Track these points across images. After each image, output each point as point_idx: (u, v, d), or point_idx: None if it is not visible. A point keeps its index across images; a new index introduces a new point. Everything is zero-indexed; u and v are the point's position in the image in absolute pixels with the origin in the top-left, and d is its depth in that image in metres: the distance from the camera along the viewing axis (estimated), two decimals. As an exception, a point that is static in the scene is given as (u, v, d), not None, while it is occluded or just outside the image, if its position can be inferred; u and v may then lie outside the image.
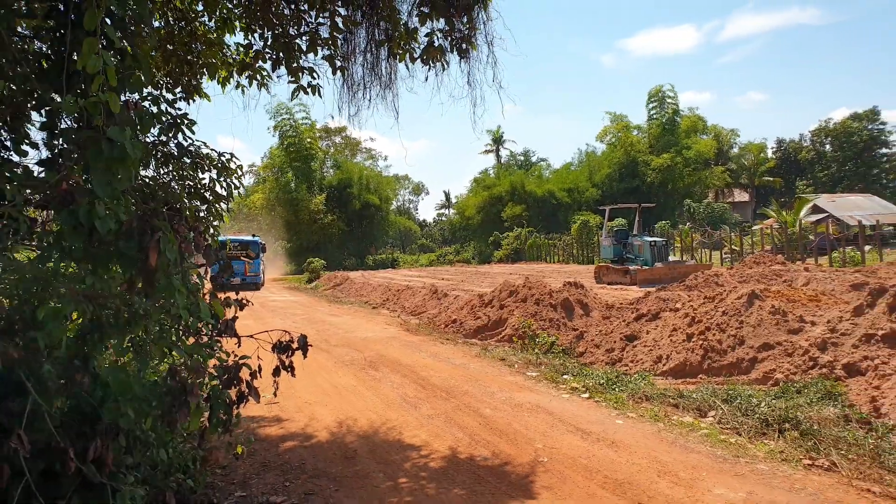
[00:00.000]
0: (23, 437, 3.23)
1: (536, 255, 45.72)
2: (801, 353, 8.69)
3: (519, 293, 14.76)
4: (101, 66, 3.47)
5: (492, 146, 72.51)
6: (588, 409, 7.27)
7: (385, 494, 4.88)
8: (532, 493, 4.83)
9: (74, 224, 3.36)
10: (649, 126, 56.92)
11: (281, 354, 4.14)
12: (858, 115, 65.38)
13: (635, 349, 10.98)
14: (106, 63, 3.47)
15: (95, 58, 3.45)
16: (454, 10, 6.74)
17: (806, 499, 4.68)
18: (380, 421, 6.87)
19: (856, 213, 37.62)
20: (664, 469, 5.28)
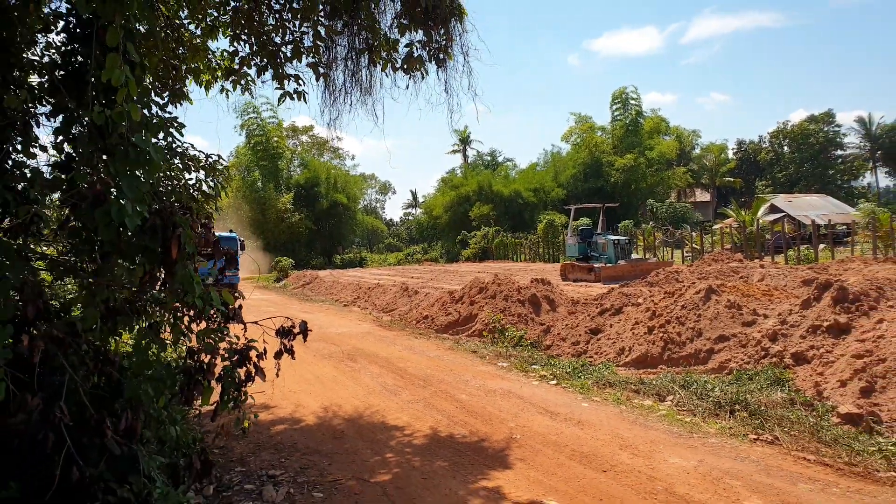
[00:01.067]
0: (63, 409, 3.66)
1: (503, 254, 46.42)
2: (753, 344, 9.36)
3: (488, 290, 15.29)
4: (123, 79, 3.90)
5: (459, 146, 73.14)
6: (556, 394, 7.84)
7: (375, 467, 5.37)
8: (508, 464, 5.37)
9: (108, 221, 3.77)
10: (613, 127, 58.04)
11: (284, 339, 4.59)
12: (815, 117, 67.60)
13: (599, 342, 11.59)
14: (127, 76, 3.89)
15: (119, 72, 3.88)
16: (432, 23, 7.22)
17: (749, 465, 5.30)
18: (363, 406, 7.34)
19: (810, 213, 39.10)
20: (625, 443, 5.86)
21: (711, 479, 4.97)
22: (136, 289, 4.12)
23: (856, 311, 9.04)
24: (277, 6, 7.84)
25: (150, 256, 3.99)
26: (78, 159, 4.39)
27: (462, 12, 7.15)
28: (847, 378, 7.51)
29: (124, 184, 3.85)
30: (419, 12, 7.12)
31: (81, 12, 4.00)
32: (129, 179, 3.90)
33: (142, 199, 3.93)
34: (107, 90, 4.25)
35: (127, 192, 3.82)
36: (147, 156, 4.01)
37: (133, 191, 3.86)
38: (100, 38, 4.12)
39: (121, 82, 3.93)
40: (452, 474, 5.17)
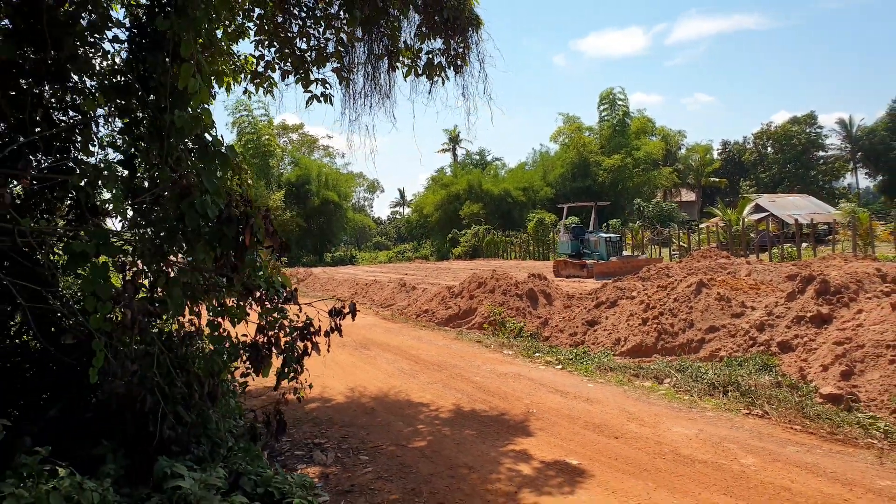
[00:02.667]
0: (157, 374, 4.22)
1: (494, 252, 47.05)
2: (742, 334, 9.99)
3: (487, 284, 15.87)
4: (197, 87, 4.47)
5: (448, 145, 73.75)
6: (563, 377, 8.47)
7: (409, 435, 5.96)
8: (529, 433, 5.99)
9: (193, 211, 4.32)
10: (601, 127, 58.83)
11: (335, 318, 5.15)
12: (797, 119, 68.91)
13: (596, 333, 12.20)
14: (200, 84, 4.46)
15: (193, 80, 4.45)
16: (451, 32, 7.80)
17: (744, 433, 5.95)
18: (386, 387, 7.92)
19: (793, 213, 40.10)
20: (632, 416, 6.49)
21: (712, 444, 5.61)
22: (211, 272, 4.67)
23: (837, 303, 9.69)
24: (303, 14, 8.35)
25: (227, 243, 4.54)
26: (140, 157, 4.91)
27: (479, 22, 7.73)
28: (829, 363, 8.12)
29: (204, 179, 4.41)
30: (439, 22, 7.69)
31: (160, 27, 4.51)
32: (208, 175, 4.46)
33: (218, 192, 4.49)
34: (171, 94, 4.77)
35: (208, 187, 4.38)
36: (222, 154, 4.58)
37: (212, 185, 4.42)
38: (164, 47, 4.69)
39: (195, 89, 4.51)
40: (481, 440, 5.78)
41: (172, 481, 3.46)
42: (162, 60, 4.80)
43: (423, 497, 4.55)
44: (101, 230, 4.37)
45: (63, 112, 5.73)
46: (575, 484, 4.73)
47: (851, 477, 4.82)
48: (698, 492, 4.57)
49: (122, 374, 4.17)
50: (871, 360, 7.70)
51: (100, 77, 5.73)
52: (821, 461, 5.18)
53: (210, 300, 4.75)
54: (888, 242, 27.26)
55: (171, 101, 4.73)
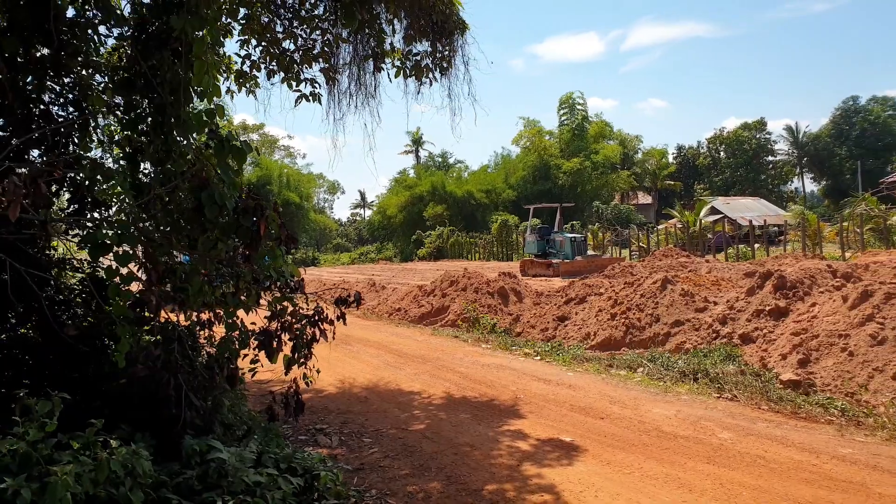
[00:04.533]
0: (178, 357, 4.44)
1: (458, 254, 47.48)
2: (706, 327, 10.54)
3: (459, 283, 16.22)
4: (210, 85, 4.72)
5: (411, 147, 74.04)
6: (543, 367, 8.85)
7: (407, 420, 6.25)
8: (521, 415, 6.35)
9: (212, 203, 4.54)
10: (560, 131, 59.86)
11: (340, 306, 5.42)
12: (748, 124, 71.17)
13: (567, 328, 12.65)
14: (213, 82, 4.70)
15: (207, 78, 4.69)
16: (439, 35, 8.11)
17: (717, 413, 6.41)
18: (375, 378, 8.18)
19: (747, 214, 41.55)
20: (613, 400, 6.90)
21: (690, 422, 6.04)
22: (227, 260, 4.89)
23: (793, 297, 10.32)
24: (290, 14, 8.52)
25: (243, 233, 4.77)
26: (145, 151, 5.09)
27: (465, 26, 8.06)
28: (787, 352, 8.67)
29: (222, 171, 4.64)
30: (426, 25, 7.98)
31: (174, 26, 4.72)
32: (225, 168, 4.69)
33: (233, 184, 4.72)
34: (174, 90, 4.98)
35: (225, 179, 4.61)
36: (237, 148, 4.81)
37: (228, 178, 4.66)
38: (170, 44, 4.91)
39: (209, 86, 4.75)
40: (477, 422, 6.11)
41: (211, 454, 3.69)
42: (168, 57, 5.00)
43: (432, 472, 4.85)
44: (123, 221, 4.56)
45: (62, 108, 5.86)
46: (571, 457, 5.10)
47: (817, 446, 5.31)
48: (684, 461, 4.98)
49: (146, 359, 4.37)
50: (826, 349, 8.26)
51: (105, 73, 5.88)
52: (788, 434, 5.66)
53: (227, 288, 4.97)
54: (833, 242, 28.55)
55: (173, 98, 4.93)
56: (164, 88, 4.92)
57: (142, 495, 3.15)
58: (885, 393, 6.88)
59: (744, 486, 4.49)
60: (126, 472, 3.11)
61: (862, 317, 8.25)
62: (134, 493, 3.11)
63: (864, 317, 8.22)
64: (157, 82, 4.96)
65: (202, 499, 3.50)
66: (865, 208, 28.97)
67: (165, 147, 4.96)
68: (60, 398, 3.16)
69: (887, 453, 5.15)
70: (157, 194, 5.10)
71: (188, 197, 4.70)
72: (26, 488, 2.65)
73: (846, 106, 69.80)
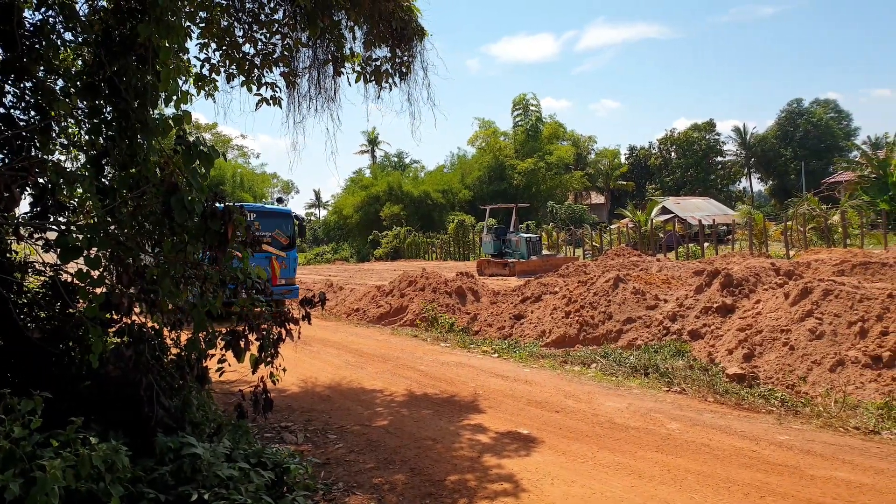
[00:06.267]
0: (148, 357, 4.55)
1: (415, 254, 47.65)
2: (656, 324, 10.95)
3: (417, 283, 16.41)
4: (177, 91, 4.85)
5: (367, 146, 73.86)
6: (500, 364, 9.14)
7: (371, 417, 6.43)
8: (480, 410, 6.60)
9: (181, 207, 4.66)
10: (515, 132, 60.61)
11: (305, 307, 5.57)
12: (698, 125, 73.17)
13: (523, 326, 12.95)
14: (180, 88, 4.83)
15: (173, 84, 4.83)
16: (398, 41, 8.30)
17: (666, 405, 6.77)
18: (337, 377, 8.33)
19: (696, 214, 42.85)
20: (568, 394, 7.21)
21: (640, 414, 6.38)
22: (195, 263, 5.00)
23: (739, 294, 10.80)
24: (249, 19, 8.59)
25: (211, 236, 4.90)
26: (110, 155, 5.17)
27: (424, 33, 8.27)
28: (733, 347, 9.11)
29: (190, 177, 4.76)
30: (386, 31, 8.16)
31: (142, 33, 4.82)
32: (193, 173, 4.82)
33: (201, 188, 4.85)
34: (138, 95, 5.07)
35: (193, 184, 4.74)
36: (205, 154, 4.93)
37: (196, 183, 4.78)
38: (136, 50, 5.02)
39: (176, 92, 4.88)
40: (438, 417, 6.33)
41: (185, 450, 3.82)
42: (132, 63, 5.09)
43: (396, 465, 5.05)
44: (92, 225, 4.64)
45: (24, 112, 5.87)
46: (529, 448, 5.36)
47: (757, 434, 5.69)
48: (634, 451, 5.29)
49: (117, 360, 4.48)
50: (769, 344, 8.71)
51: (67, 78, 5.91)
52: (731, 424, 6.04)
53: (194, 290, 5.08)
54: (779, 241, 29.69)
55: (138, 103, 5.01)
56: (128, 93, 5.00)
57: (121, 489, 3.27)
58: (822, 384, 7.35)
59: (689, 471, 4.82)
60: (106, 467, 3.24)
61: (802, 313, 8.73)
62: (114, 486, 3.23)
63: (804, 313, 8.70)
64: (122, 87, 5.04)
65: (178, 492, 3.64)
66: (808, 208, 30.22)
67: (130, 151, 5.03)
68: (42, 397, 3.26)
69: (820, 439, 5.56)
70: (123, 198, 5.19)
71: (155, 201, 4.80)
72: (14, 483, 2.76)
73: (791, 108, 72.36)
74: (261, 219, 15.00)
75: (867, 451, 5.23)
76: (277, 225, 15.53)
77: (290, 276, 15.63)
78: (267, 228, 15.07)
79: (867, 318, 8.00)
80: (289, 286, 15.30)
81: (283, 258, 15.06)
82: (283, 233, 15.53)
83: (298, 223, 16.38)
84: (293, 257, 15.88)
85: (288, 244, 15.56)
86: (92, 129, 5.30)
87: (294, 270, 15.95)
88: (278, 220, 15.70)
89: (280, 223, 15.63)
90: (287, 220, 15.94)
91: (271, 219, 15.60)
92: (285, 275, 15.30)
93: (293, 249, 15.93)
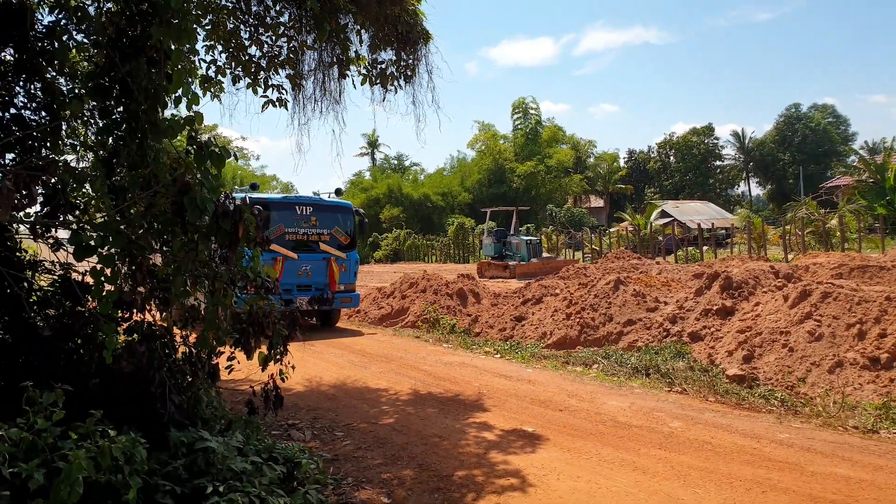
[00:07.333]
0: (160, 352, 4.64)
1: (415, 256, 47.72)
2: (657, 326, 11.03)
3: (419, 285, 16.50)
4: (189, 92, 4.94)
5: (367, 149, 74.00)
6: (503, 364, 9.22)
7: (377, 415, 6.51)
8: (485, 408, 6.69)
9: (194, 206, 4.74)
10: (514, 135, 60.82)
11: (314, 305, 5.68)
12: (697, 130, 73.43)
13: (524, 328, 13.03)
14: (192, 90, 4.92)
15: (186, 86, 4.92)
16: (403, 44, 8.39)
17: (668, 404, 6.85)
18: (342, 377, 8.41)
19: (695, 218, 43.03)
20: (571, 393, 7.30)
21: (643, 413, 6.47)
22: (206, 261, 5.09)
23: (738, 297, 10.89)
24: (255, 21, 8.68)
25: (223, 235, 4.98)
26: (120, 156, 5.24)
27: (429, 36, 8.37)
28: (733, 349, 9.19)
29: (202, 176, 4.85)
30: (391, 34, 8.25)
31: (155, 36, 4.91)
32: (205, 173, 4.90)
33: (213, 189, 4.93)
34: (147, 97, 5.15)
35: (206, 183, 4.82)
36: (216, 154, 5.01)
37: (209, 182, 4.87)
38: (146, 52, 5.10)
39: (188, 93, 4.97)
40: (444, 416, 6.41)
41: (198, 444, 3.90)
42: (143, 64, 5.17)
43: (404, 461, 5.13)
44: (107, 224, 4.72)
45: (34, 112, 5.95)
46: (534, 445, 5.45)
47: (758, 433, 5.78)
48: (638, 448, 5.38)
49: (130, 356, 4.56)
50: (768, 345, 8.79)
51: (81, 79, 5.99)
52: (733, 423, 6.13)
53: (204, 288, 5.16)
54: (777, 245, 29.82)
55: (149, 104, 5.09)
56: (139, 95, 5.09)
57: (139, 481, 3.35)
58: (821, 385, 7.44)
59: (692, 467, 4.90)
60: (125, 458, 3.31)
61: (801, 315, 8.82)
62: (132, 478, 3.31)
63: (803, 315, 8.79)
64: (134, 88, 5.13)
65: (194, 485, 3.71)
66: (806, 212, 30.35)
67: (140, 152, 5.11)
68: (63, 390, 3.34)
69: (820, 437, 5.66)
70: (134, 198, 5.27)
71: (165, 200, 4.87)
72: (38, 473, 2.84)
73: (789, 113, 72.64)
74: (317, 213, 13.34)
75: (866, 449, 5.32)
76: (336, 221, 13.71)
77: (349, 282, 13.75)
78: (324, 225, 13.35)
79: (865, 321, 8.09)
80: (349, 293, 13.67)
81: (342, 260, 13.33)
82: (343, 230, 13.71)
83: (359, 219, 14.32)
84: (354, 259, 13.95)
85: (348, 243, 13.77)
86: (102, 130, 5.38)
87: (354, 275, 14.01)
88: (337, 215, 13.84)
89: (339, 218, 13.82)
90: (347, 214, 14.04)
91: (329, 213, 13.69)
92: (345, 280, 13.46)
93: (353, 250, 14.01)
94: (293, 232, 12.70)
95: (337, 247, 13.29)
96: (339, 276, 13.14)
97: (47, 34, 5.71)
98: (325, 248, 12.98)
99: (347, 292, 13.50)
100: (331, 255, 12.99)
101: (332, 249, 13.10)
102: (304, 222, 12.95)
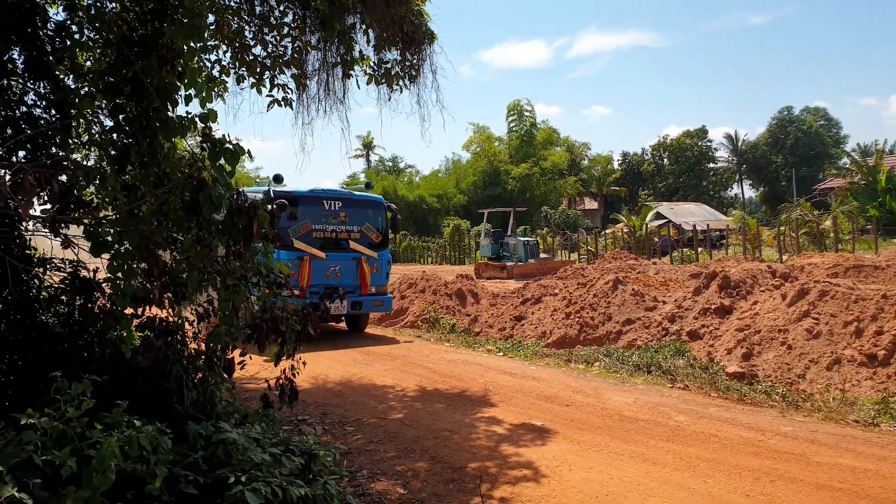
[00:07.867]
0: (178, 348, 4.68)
1: (411, 258, 47.79)
2: (656, 325, 11.13)
3: (418, 285, 16.58)
4: (203, 90, 5.01)
5: (362, 151, 74.04)
6: (506, 362, 9.30)
7: (385, 410, 6.58)
8: (492, 404, 6.76)
9: (209, 203, 4.80)
10: (509, 138, 60.99)
11: (325, 301, 5.73)
12: (690, 132, 73.81)
13: (524, 327, 13.12)
14: (205, 87, 4.99)
15: (199, 84, 4.99)
16: (408, 45, 8.47)
17: (672, 400, 6.94)
18: (347, 374, 8.46)
19: (690, 219, 43.21)
20: (576, 389, 7.38)
21: (648, 408, 6.56)
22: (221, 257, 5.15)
23: (736, 296, 11.01)
24: (259, 21, 8.73)
25: (237, 232, 5.04)
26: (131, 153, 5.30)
27: (433, 37, 8.45)
28: (732, 347, 9.29)
29: (217, 173, 4.91)
30: (396, 35, 8.33)
31: (169, 36, 4.97)
32: (220, 170, 4.97)
33: (227, 185, 5.00)
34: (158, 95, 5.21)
35: (220, 181, 4.89)
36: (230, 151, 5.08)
37: (223, 179, 4.93)
38: (158, 51, 5.16)
39: (202, 91, 5.04)
40: (452, 411, 6.48)
41: (217, 436, 3.96)
42: (155, 63, 5.23)
43: (416, 454, 5.20)
44: (123, 220, 4.78)
45: (45, 110, 5.99)
46: (544, 438, 5.53)
47: (763, 426, 5.87)
48: (646, 440, 5.46)
49: (147, 351, 4.61)
50: (767, 343, 8.90)
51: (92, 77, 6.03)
52: (737, 416, 6.22)
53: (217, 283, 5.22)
54: (771, 246, 30.03)
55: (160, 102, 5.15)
56: (150, 93, 5.14)
57: (165, 470, 3.41)
58: (820, 382, 7.55)
59: (701, 458, 4.99)
60: (152, 448, 3.37)
61: (799, 313, 8.93)
62: (158, 468, 3.37)
63: (801, 313, 8.90)
64: (145, 86, 5.18)
65: (215, 475, 3.77)
66: (801, 214, 30.58)
67: (151, 149, 5.16)
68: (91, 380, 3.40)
69: (823, 430, 5.76)
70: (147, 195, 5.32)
71: (176, 198, 4.92)
72: (71, 460, 2.90)
73: (781, 116, 73.11)
74: (347, 208, 12.18)
75: (869, 441, 5.42)
76: (367, 217, 12.48)
77: (381, 283, 12.54)
78: (355, 221, 12.19)
79: (862, 318, 8.21)
80: (380, 296, 12.51)
81: (373, 260, 12.17)
82: (374, 227, 12.49)
83: (392, 215, 12.92)
84: (386, 259, 12.71)
85: (380, 242, 12.60)
86: (114, 128, 5.43)
87: (387, 276, 12.80)
88: (368, 211, 12.62)
89: (371, 214, 12.59)
90: (379, 210, 12.81)
91: (360, 208, 12.51)
92: (376, 281, 12.26)
93: (385, 248, 12.80)
94: (321, 229, 11.63)
95: (367, 245, 12.27)
96: (371, 278, 12.07)
97: (57, 32, 5.76)
98: (356, 247, 11.95)
99: (379, 295, 12.48)
100: (361, 255, 11.96)
101: (362, 248, 12.08)
102: (333, 218, 11.87)
